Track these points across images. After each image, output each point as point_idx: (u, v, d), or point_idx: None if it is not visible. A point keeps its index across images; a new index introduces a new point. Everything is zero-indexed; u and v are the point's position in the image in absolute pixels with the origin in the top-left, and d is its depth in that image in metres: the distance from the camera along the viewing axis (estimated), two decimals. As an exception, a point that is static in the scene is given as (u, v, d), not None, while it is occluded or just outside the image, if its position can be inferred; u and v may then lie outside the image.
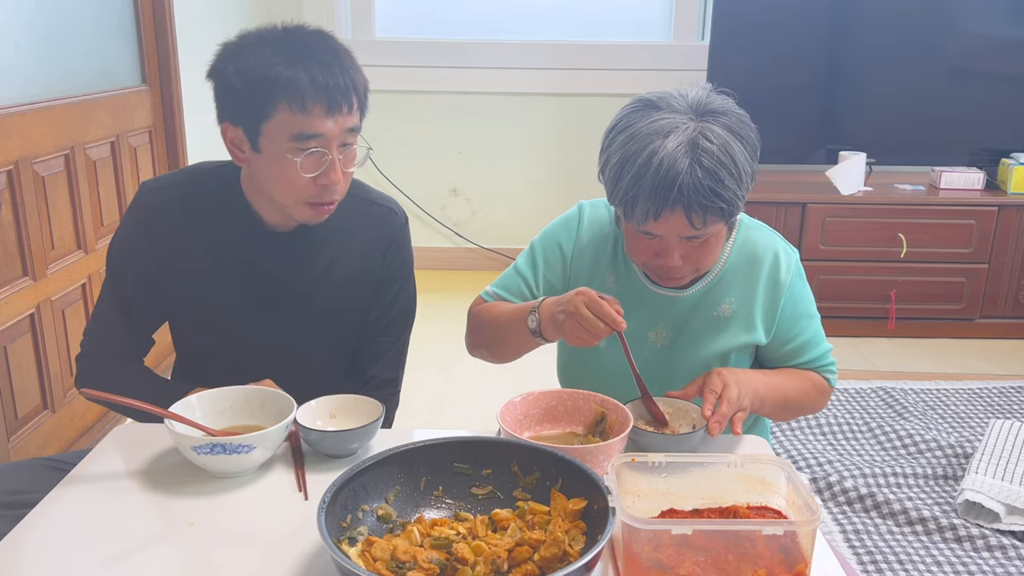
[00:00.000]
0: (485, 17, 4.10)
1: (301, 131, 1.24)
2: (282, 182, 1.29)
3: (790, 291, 1.39)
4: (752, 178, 1.25)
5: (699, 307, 1.39)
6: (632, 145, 1.22)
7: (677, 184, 1.17)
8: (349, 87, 1.26)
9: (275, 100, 1.23)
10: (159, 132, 2.90)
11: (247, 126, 1.27)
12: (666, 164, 1.18)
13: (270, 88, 1.23)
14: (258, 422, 1.21)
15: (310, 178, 1.28)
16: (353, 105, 1.28)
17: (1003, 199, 3.36)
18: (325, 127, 1.25)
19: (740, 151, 1.21)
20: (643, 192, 1.20)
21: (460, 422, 2.72)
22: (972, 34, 3.53)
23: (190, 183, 1.42)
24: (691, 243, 1.26)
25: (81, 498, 1.10)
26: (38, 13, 2.24)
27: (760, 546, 0.93)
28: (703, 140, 1.19)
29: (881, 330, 3.44)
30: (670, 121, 1.21)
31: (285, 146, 1.25)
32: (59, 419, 2.29)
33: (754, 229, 1.42)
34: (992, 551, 2.01)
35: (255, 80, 1.23)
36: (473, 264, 4.25)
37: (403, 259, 1.51)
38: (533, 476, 1.06)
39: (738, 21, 3.49)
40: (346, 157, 1.31)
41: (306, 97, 1.23)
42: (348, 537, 0.96)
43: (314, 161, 1.27)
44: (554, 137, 4.15)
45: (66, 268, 2.32)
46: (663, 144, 1.19)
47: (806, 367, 1.43)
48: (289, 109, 1.23)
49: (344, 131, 1.28)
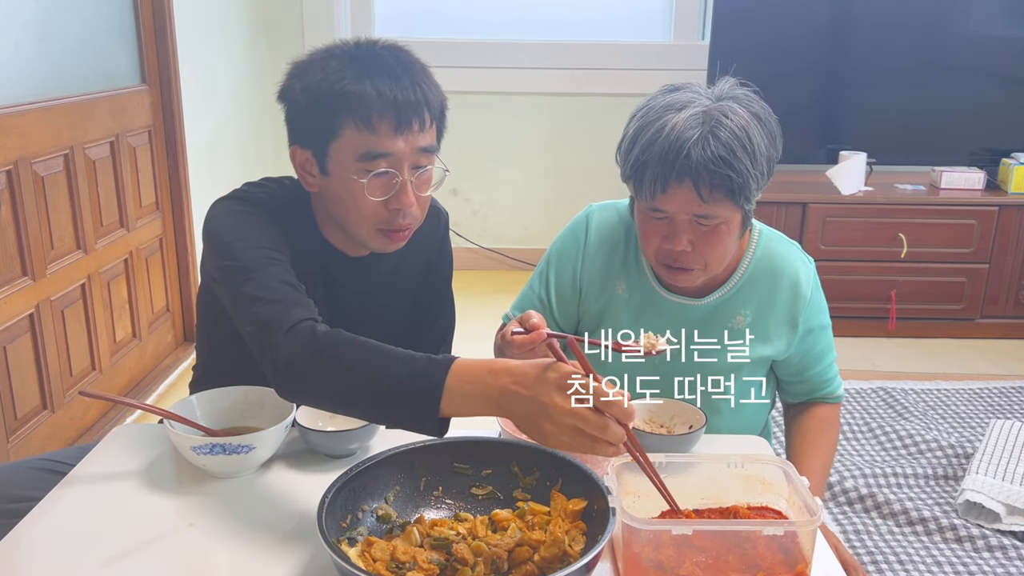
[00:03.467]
0: (485, 17, 4.10)
1: (369, 150, 1.17)
2: (352, 207, 1.21)
3: (811, 303, 1.39)
4: (769, 166, 1.23)
5: (713, 317, 1.38)
6: (647, 118, 1.23)
7: (686, 151, 1.17)
8: (421, 103, 1.18)
9: (341, 117, 1.16)
10: (159, 132, 2.90)
11: (315, 148, 1.20)
12: (677, 130, 1.18)
13: (335, 104, 1.16)
14: (258, 422, 1.21)
15: (380, 202, 1.20)
16: (426, 123, 1.19)
17: (1004, 199, 3.36)
18: (395, 146, 1.17)
19: (759, 132, 1.20)
20: (652, 159, 1.19)
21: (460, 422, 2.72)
22: (972, 34, 3.53)
23: (272, 198, 1.30)
24: (700, 227, 1.25)
25: (81, 498, 1.10)
26: (37, 13, 2.23)
27: (760, 546, 0.93)
28: (720, 115, 1.19)
29: (881, 330, 3.44)
30: (688, 97, 1.22)
31: (353, 168, 1.18)
32: (59, 419, 2.29)
33: (774, 240, 1.41)
34: (993, 551, 2.00)
35: (320, 96, 1.16)
36: (473, 264, 4.25)
37: (449, 263, 1.52)
38: (533, 476, 1.06)
39: (738, 21, 3.49)
40: (419, 179, 1.22)
41: (372, 113, 1.15)
42: (348, 537, 0.96)
43: (384, 184, 1.19)
44: (554, 137, 4.15)
45: (65, 268, 2.32)
46: (677, 115, 1.19)
47: (812, 379, 1.45)
48: (355, 127, 1.16)
49: (416, 151, 1.19)
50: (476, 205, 4.23)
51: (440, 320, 1.52)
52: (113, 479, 1.14)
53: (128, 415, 2.57)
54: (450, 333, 1.55)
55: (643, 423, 1.26)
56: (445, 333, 1.54)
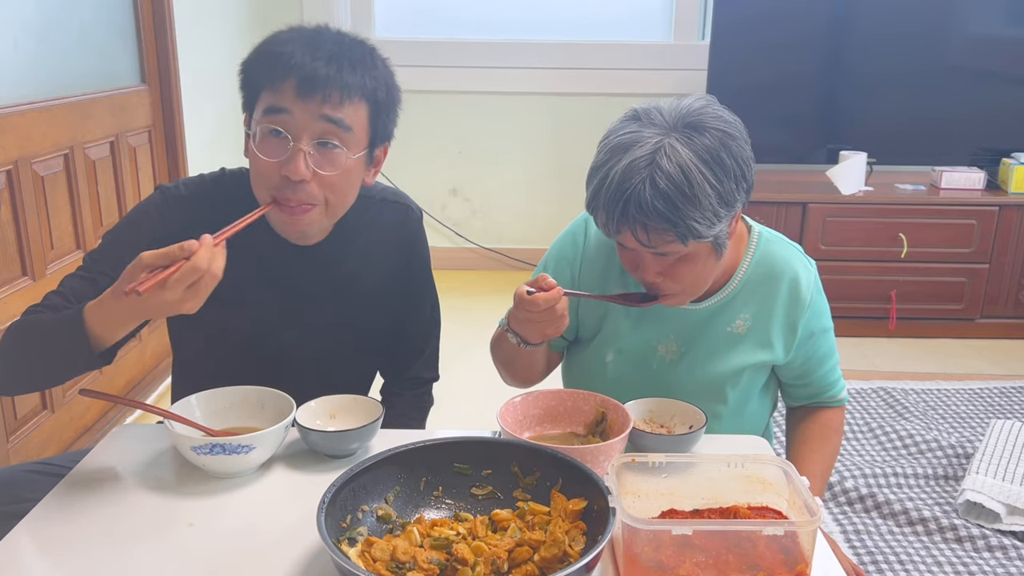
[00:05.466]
0: (485, 17, 4.10)
1: (269, 105, 1.18)
2: (253, 169, 1.23)
3: (812, 307, 1.37)
4: (724, 202, 1.17)
5: (712, 322, 1.36)
6: (601, 156, 1.21)
7: (624, 199, 1.15)
8: (336, 80, 1.17)
9: (262, 78, 1.19)
10: (158, 132, 2.90)
11: (247, 109, 1.23)
12: (619, 179, 1.16)
13: (261, 64, 1.19)
14: (258, 422, 1.21)
15: (274, 164, 1.19)
16: (334, 98, 1.17)
17: (1004, 199, 3.36)
18: (293, 106, 1.17)
19: (703, 174, 1.14)
20: (600, 205, 1.19)
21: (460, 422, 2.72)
22: (972, 34, 3.53)
23: (208, 187, 1.35)
24: (664, 260, 1.23)
25: (80, 498, 1.10)
26: (37, 12, 2.23)
27: (760, 546, 0.93)
28: (662, 158, 1.14)
29: (882, 330, 3.44)
30: (638, 135, 1.18)
31: (258, 124, 1.20)
32: (58, 419, 2.29)
33: (773, 243, 1.39)
34: (993, 551, 2.00)
35: (254, 58, 1.21)
36: (473, 264, 4.25)
37: (426, 262, 1.49)
38: (533, 476, 1.06)
39: (738, 21, 3.49)
40: (323, 156, 1.20)
41: (282, 73, 1.17)
42: (348, 537, 0.96)
43: (278, 145, 1.19)
44: (554, 137, 4.15)
45: (65, 268, 2.31)
46: (622, 158, 1.17)
47: (815, 383, 1.44)
48: (268, 86, 1.18)
49: (318, 118, 1.18)
50: (476, 205, 4.23)
51: (412, 328, 1.49)
52: (113, 479, 1.14)
53: (128, 415, 2.57)
54: (428, 343, 1.52)
55: (643, 423, 1.26)
56: (423, 343, 1.51)
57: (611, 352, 1.41)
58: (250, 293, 1.34)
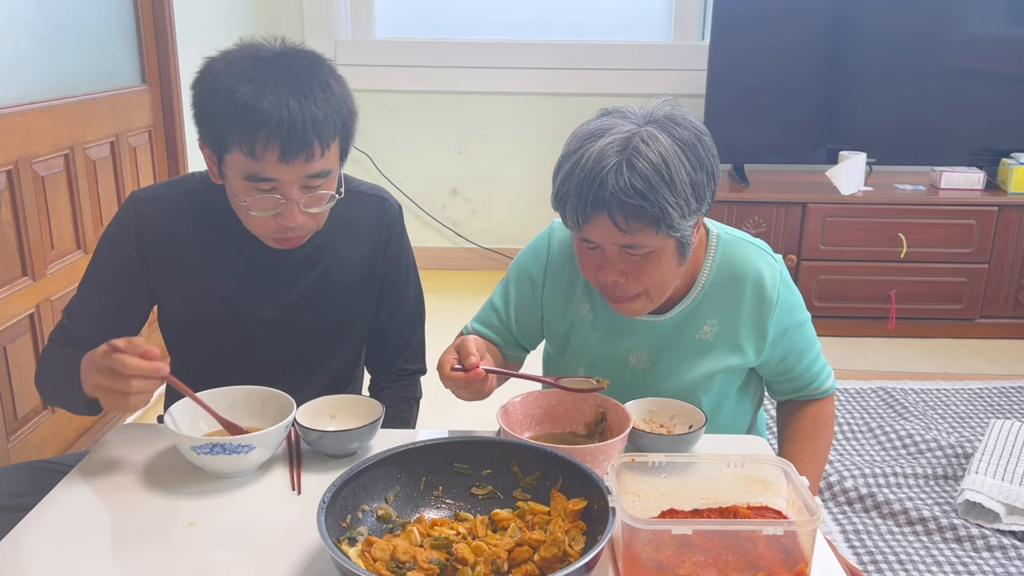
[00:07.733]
0: (485, 17, 4.10)
1: (252, 173, 1.18)
2: (243, 217, 1.26)
3: (780, 305, 1.34)
4: (696, 191, 1.17)
5: (679, 331, 1.35)
6: (570, 147, 1.20)
7: (599, 180, 1.13)
8: (310, 129, 1.15)
9: (228, 136, 1.17)
10: (159, 132, 2.90)
11: (213, 151, 1.22)
12: (593, 159, 1.14)
13: (224, 123, 1.16)
14: (258, 422, 1.21)
15: (269, 216, 1.22)
16: (316, 152, 1.17)
17: (1003, 199, 3.36)
18: (279, 173, 1.17)
19: (680, 160, 1.14)
20: (572, 189, 1.17)
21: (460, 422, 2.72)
22: (972, 34, 3.53)
23: (183, 193, 1.37)
24: (629, 256, 1.21)
25: (80, 498, 1.10)
26: (38, 12, 2.23)
27: (760, 546, 0.93)
28: (639, 142, 1.14)
29: (881, 330, 3.44)
30: (610, 124, 1.18)
31: (240, 184, 1.20)
32: (58, 419, 2.29)
33: (733, 244, 1.35)
34: (992, 551, 2.01)
35: (214, 108, 1.18)
36: (473, 264, 4.25)
37: (406, 253, 1.48)
38: (533, 476, 1.06)
39: (738, 21, 3.48)
40: (311, 198, 1.23)
41: (257, 140, 1.14)
42: (348, 537, 0.96)
43: (270, 202, 1.21)
44: (554, 137, 4.13)
45: (65, 268, 2.32)
46: (596, 144, 1.16)
47: (798, 377, 1.43)
48: (240, 150, 1.16)
49: (304, 177, 1.19)
50: (476, 205, 4.23)
51: (396, 320, 1.49)
52: (113, 479, 1.14)
53: (128, 415, 2.57)
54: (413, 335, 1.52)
55: (643, 423, 1.26)
56: (408, 335, 1.52)
57: (582, 365, 1.40)
58: (234, 292, 1.37)
